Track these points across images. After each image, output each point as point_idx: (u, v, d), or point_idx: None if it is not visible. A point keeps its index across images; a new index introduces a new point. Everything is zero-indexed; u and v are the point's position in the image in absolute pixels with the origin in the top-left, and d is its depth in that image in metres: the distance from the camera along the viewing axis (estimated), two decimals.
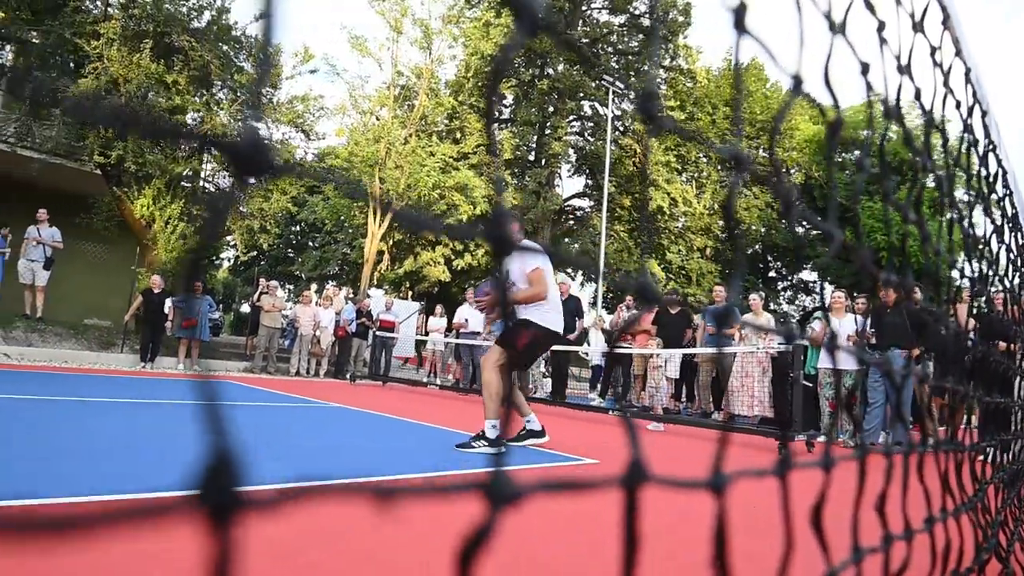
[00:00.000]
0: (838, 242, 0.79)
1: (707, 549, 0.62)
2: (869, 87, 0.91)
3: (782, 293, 29.16)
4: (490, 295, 4.19)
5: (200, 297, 10.70)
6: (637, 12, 24.58)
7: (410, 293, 21.09)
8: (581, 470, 3.79)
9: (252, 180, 0.33)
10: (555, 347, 9.95)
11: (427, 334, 12.69)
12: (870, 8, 0.91)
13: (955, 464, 1.48)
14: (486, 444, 3.97)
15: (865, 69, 0.92)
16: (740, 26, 0.64)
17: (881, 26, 0.98)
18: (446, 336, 12.36)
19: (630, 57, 24.73)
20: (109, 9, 11.71)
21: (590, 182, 26.41)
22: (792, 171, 26.57)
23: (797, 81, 0.70)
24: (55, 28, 10.83)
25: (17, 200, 10.69)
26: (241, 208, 13.11)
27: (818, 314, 8.44)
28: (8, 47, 11.97)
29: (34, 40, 11.20)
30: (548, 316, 4.16)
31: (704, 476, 0.61)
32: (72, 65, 11.61)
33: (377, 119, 18.06)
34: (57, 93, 11.03)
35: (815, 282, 28.41)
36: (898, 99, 1.00)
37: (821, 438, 6.94)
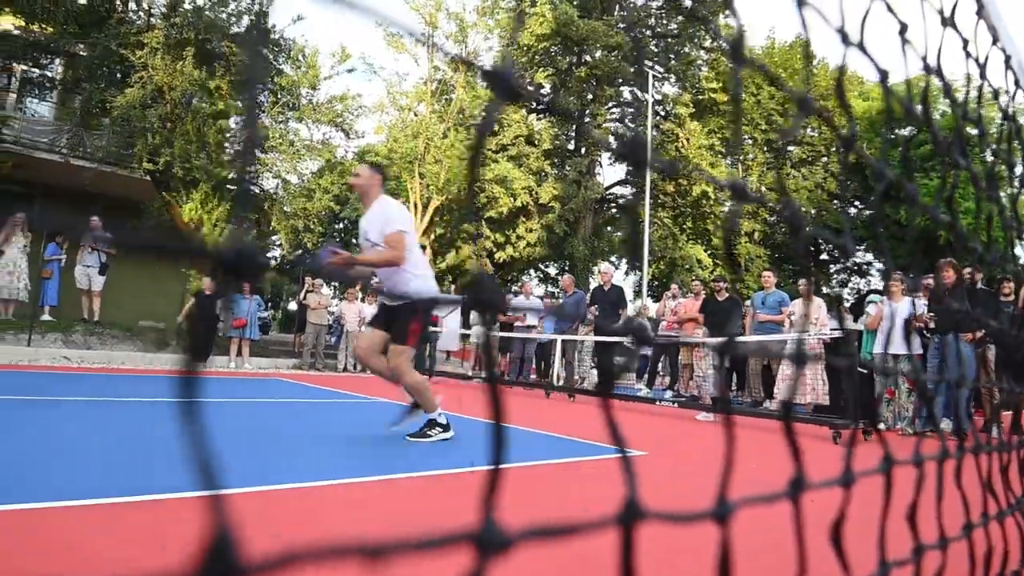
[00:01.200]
0: (851, 252, 0.76)
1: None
2: (889, 93, 0.87)
3: (835, 276, 28.27)
4: (338, 255, 3.84)
5: (249, 297, 10.98)
6: None
7: (453, 287, 21.23)
8: (635, 462, 3.74)
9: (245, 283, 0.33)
10: (601, 338, 9.88)
11: (470, 327, 12.75)
12: (891, 11, 0.87)
13: (1000, 463, 1.40)
14: (440, 430, 4.01)
15: (884, 76, 0.89)
16: (738, 57, 0.62)
17: (903, 28, 0.95)
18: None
19: (669, 40, 24.25)
20: (152, 19, 12.05)
21: (632, 169, 26.05)
22: (841, 151, 25.70)
23: (801, 101, 0.67)
24: (101, 40, 11.20)
25: (71, 208, 11.14)
26: (285, 208, 13.38)
27: (873, 297, 8.16)
28: (58, 60, 12.45)
29: (81, 52, 11.60)
30: (421, 283, 3.95)
31: (710, 504, 0.58)
32: (119, 75, 11.99)
33: (415, 115, 18.17)
34: (105, 103, 11.41)
35: (869, 264, 27.44)
36: (925, 97, 0.94)
37: (880, 426, 6.73)
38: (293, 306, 24.82)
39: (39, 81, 12.82)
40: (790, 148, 26.26)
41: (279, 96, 12.98)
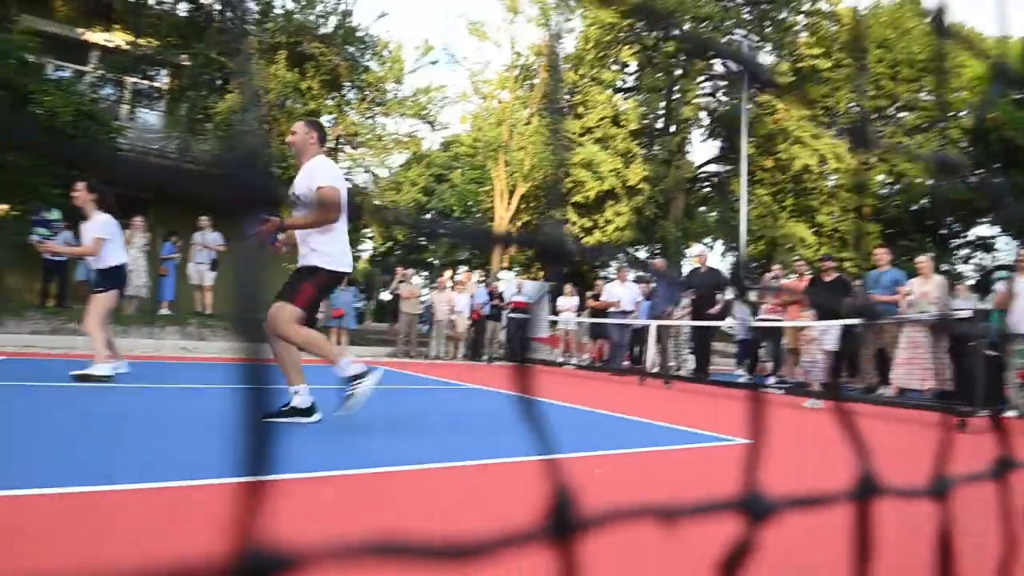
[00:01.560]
0: None
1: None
2: None
3: (956, 252, 26.01)
4: (269, 222, 3.49)
5: (346, 289, 11.32)
6: None
7: (541, 273, 21.13)
8: (736, 451, 3.51)
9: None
10: (698, 323, 9.45)
11: (557, 314, 12.60)
12: None
13: None
14: (362, 379, 3.54)
15: None
16: (942, 30, 0.62)
17: None
18: (579, 315, 12.22)
19: (764, 6, 22.97)
20: (246, 26, 12.55)
21: (726, 145, 24.97)
22: (961, 114, 23.53)
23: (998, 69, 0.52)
24: (201, 49, 11.79)
25: (183, 210, 11.81)
26: (376, 202, 13.69)
27: (1001, 273, 7.38)
28: (163, 71, 13.24)
29: (184, 63, 12.27)
30: (335, 256, 3.53)
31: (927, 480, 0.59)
32: (219, 82, 12.59)
33: (499, 102, 18.12)
34: (208, 109, 12.01)
35: (994, 238, 25.01)
36: None
37: (1011, 412, 6.07)
38: (385, 296, 25.49)
39: (148, 92, 13.69)
40: (902, 114, 24.36)
41: (365, 93, 13.25)
